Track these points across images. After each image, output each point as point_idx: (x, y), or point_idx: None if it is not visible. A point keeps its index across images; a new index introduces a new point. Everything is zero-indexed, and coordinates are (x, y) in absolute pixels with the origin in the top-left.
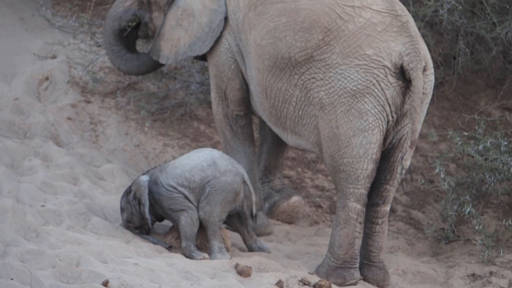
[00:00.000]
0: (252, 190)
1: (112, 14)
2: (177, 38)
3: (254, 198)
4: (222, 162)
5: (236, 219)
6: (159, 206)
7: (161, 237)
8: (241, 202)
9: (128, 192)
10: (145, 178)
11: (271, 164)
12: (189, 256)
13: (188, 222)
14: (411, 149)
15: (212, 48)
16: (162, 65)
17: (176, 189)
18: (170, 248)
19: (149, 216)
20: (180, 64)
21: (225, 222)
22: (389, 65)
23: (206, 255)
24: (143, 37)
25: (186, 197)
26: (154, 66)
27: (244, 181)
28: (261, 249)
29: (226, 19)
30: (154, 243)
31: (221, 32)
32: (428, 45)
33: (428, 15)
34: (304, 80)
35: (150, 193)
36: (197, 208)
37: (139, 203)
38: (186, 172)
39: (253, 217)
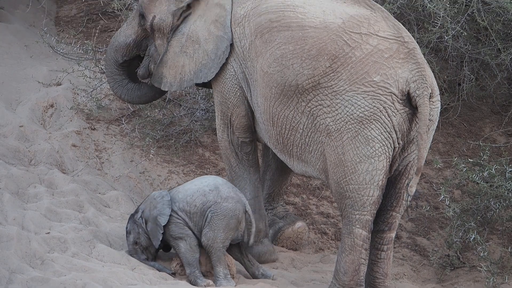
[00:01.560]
0: (253, 220)
1: (114, 44)
2: (181, 65)
3: (253, 229)
4: (225, 189)
5: (236, 249)
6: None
7: (166, 263)
8: (242, 232)
9: (134, 214)
10: (162, 191)
11: (274, 191)
12: (194, 282)
13: (187, 249)
14: (417, 176)
15: (218, 75)
16: (163, 95)
17: (176, 213)
18: (174, 274)
19: (160, 238)
20: (185, 91)
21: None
22: (396, 91)
23: (211, 282)
24: (144, 77)
25: (186, 223)
26: (155, 97)
27: (246, 211)
28: (264, 276)
29: (231, 46)
30: (159, 270)
31: (227, 59)
32: (432, 71)
33: (433, 41)
34: (311, 107)
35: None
36: (197, 234)
37: (146, 222)
38: (188, 197)
39: (248, 247)
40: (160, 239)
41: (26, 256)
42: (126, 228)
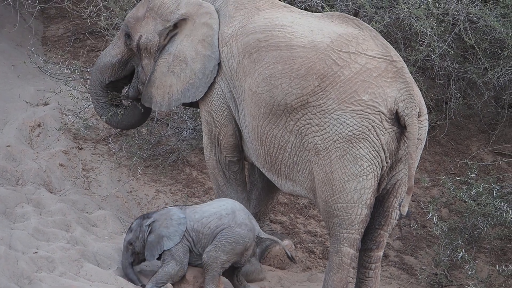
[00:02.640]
0: (275, 239)
1: (99, 64)
2: (169, 84)
3: (284, 243)
4: (241, 215)
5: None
6: None
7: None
8: (247, 257)
9: (145, 217)
10: (182, 215)
11: (260, 210)
12: None
13: (170, 273)
14: (409, 195)
15: (205, 94)
16: (143, 122)
17: (188, 233)
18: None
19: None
20: (172, 111)
21: None
22: (384, 110)
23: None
24: (134, 97)
25: (191, 248)
26: (133, 125)
27: (261, 237)
28: None
29: (219, 65)
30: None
31: (214, 78)
32: (420, 90)
33: (420, 60)
34: (299, 126)
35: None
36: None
37: (150, 232)
38: (204, 218)
39: (292, 258)
40: (155, 258)
41: (14, 275)
42: (132, 224)
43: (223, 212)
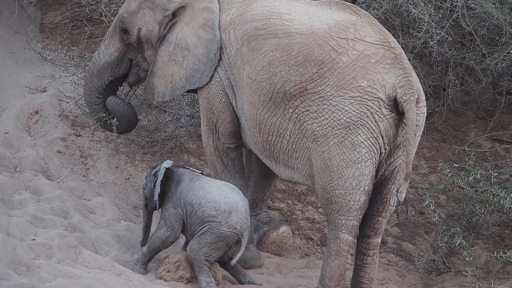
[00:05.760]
0: (243, 248)
1: (95, 68)
2: (171, 73)
3: (239, 254)
4: (236, 217)
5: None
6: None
7: (153, 270)
8: (230, 255)
9: (155, 166)
10: (166, 165)
11: (258, 197)
12: (134, 265)
13: (161, 238)
14: (406, 182)
15: None
16: (133, 127)
17: (185, 205)
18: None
19: (157, 198)
20: None
21: None
22: (383, 97)
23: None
24: (134, 83)
25: (182, 218)
26: (126, 130)
27: (240, 240)
28: (251, 283)
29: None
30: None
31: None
32: (417, 76)
33: (418, 46)
34: (298, 113)
35: (170, 183)
36: (187, 234)
37: (155, 181)
38: (204, 200)
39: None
40: (158, 206)
41: (12, 262)
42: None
43: (223, 207)
